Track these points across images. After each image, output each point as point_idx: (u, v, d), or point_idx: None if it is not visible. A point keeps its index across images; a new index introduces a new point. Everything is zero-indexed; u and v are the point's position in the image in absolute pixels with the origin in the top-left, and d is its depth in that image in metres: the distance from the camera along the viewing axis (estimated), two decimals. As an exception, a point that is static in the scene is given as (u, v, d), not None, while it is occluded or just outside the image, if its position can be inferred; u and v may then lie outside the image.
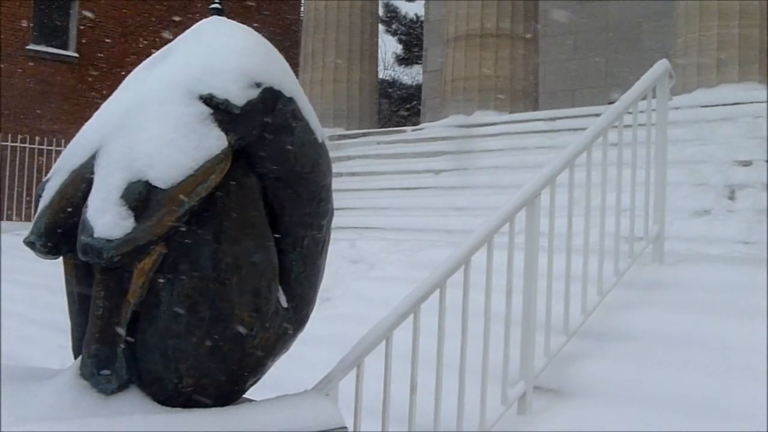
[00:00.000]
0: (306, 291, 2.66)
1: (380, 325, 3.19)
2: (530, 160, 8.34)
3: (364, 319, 3.49)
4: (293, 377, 3.34)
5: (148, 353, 2.32)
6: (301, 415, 2.46)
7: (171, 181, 2.19)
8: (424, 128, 12.34)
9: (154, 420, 2.17)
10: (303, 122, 2.52)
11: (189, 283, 2.30)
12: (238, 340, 2.38)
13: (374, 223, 8.77)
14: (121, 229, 2.13)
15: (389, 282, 5.75)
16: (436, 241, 6.83)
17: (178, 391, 2.33)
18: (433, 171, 10.16)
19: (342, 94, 15.07)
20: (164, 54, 2.49)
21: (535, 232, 3.80)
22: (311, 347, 4.26)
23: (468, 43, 11.75)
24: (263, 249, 2.46)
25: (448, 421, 3.33)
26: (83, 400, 2.20)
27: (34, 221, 2.34)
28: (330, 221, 2.74)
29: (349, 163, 12.16)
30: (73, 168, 2.34)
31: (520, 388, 3.72)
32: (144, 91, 2.36)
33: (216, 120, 2.31)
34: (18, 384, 2.33)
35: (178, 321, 2.29)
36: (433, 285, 3.33)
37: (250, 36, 2.49)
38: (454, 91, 12.00)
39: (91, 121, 2.45)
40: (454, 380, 3.37)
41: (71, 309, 2.43)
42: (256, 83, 2.36)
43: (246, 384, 2.53)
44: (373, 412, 3.12)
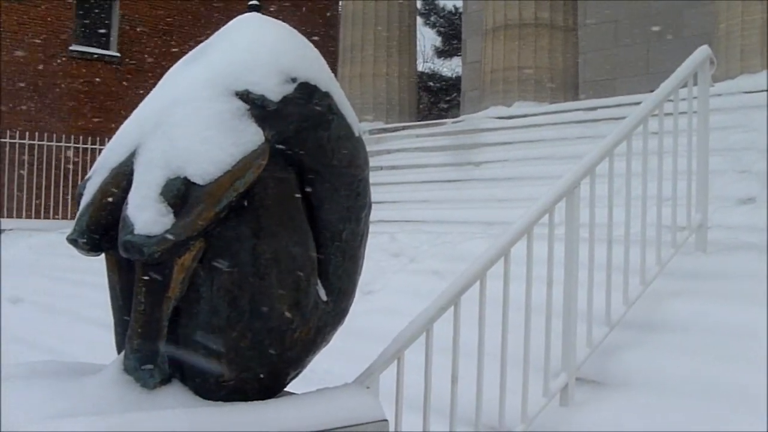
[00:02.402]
0: (345, 284, 2.67)
1: (420, 317, 3.19)
2: (571, 151, 8.27)
3: (404, 312, 3.49)
4: (334, 371, 3.36)
5: (189, 348, 2.34)
6: (342, 408, 2.48)
7: (209, 177, 2.21)
8: (464, 120, 12.29)
9: (196, 414, 2.20)
10: (339, 116, 2.53)
11: (228, 277, 2.32)
12: (279, 334, 2.40)
13: (415, 216, 8.77)
14: (160, 226, 2.16)
15: (430, 275, 5.75)
16: (477, 234, 6.81)
17: (220, 385, 2.35)
18: (473, 163, 10.13)
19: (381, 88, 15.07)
20: (200, 51, 2.51)
21: (575, 223, 3.78)
22: (352, 341, 4.27)
23: (506, 34, 11.69)
24: (302, 243, 2.47)
25: (489, 413, 3.32)
26: (126, 395, 2.23)
27: (76, 219, 2.37)
28: (368, 214, 2.75)
29: (389, 156, 12.17)
30: (113, 166, 2.37)
31: (562, 379, 3.70)
32: (181, 89, 2.38)
33: (253, 116, 2.33)
34: (64, 379, 2.37)
35: (219, 315, 2.31)
36: (473, 277, 3.32)
37: (285, 32, 2.50)
38: (494, 82, 11.94)
39: (129, 119, 2.48)
40: (495, 372, 3.36)
41: (114, 305, 2.46)
42: (292, 78, 2.37)
43: (287, 378, 2.55)
44: (414, 405, 3.12)
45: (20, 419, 2.07)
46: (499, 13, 11.85)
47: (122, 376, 2.28)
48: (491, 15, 12.06)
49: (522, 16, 11.55)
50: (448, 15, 28.14)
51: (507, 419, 3.40)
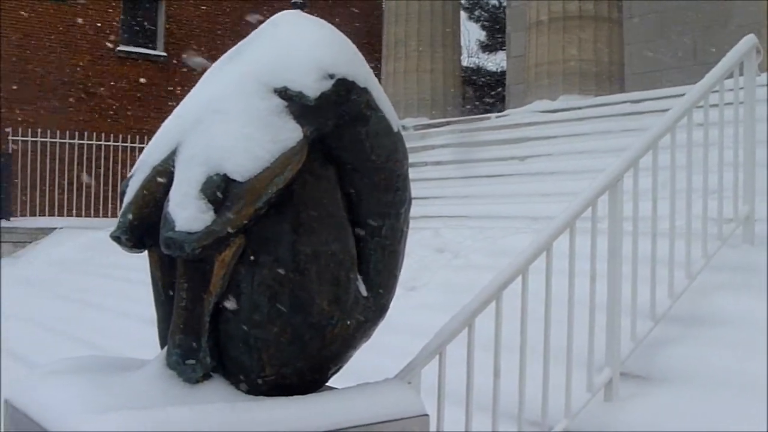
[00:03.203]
0: (385, 280, 2.68)
1: (462, 312, 3.19)
2: (616, 144, 8.18)
3: (448, 308, 3.48)
4: (376, 366, 3.36)
5: (231, 343, 2.37)
6: (382, 403, 2.48)
7: (248, 174, 2.23)
8: (508, 115, 12.24)
9: (238, 408, 2.22)
10: (378, 112, 2.53)
11: (269, 273, 2.34)
12: (319, 330, 2.41)
13: (459, 211, 8.74)
14: (201, 222, 2.18)
15: (474, 270, 5.73)
16: (521, 229, 6.77)
17: (261, 380, 2.37)
18: (518, 158, 10.07)
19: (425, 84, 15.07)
20: (240, 49, 2.54)
21: (619, 216, 3.74)
22: (395, 336, 4.28)
23: (551, 27, 11.61)
24: (341, 239, 2.48)
25: (532, 407, 3.31)
26: (169, 390, 2.26)
27: (119, 216, 2.41)
28: (408, 210, 2.75)
29: (434, 152, 12.15)
30: (154, 164, 2.40)
31: (606, 374, 3.67)
32: (220, 86, 2.41)
33: (291, 112, 2.34)
34: (108, 374, 2.41)
35: (259, 311, 2.33)
36: (515, 271, 3.31)
37: (323, 28, 2.51)
38: (538, 76, 11.88)
39: (171, 117, 2.51)
40: (537, 366, 3.34)
41: (157, 301, 2.50)
42: (330, 75, 2.37)
43: (328, 373, 2.56)
44: (456, 400, 3.12)
45: (65, 413, 2.11)
46: (543, 6, 11.78)
47: (165, 371, 2.32)
48: (535, 8, 11.99)
49: (566, 9, 11.47)
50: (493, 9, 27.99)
51: (550, 414, 3.38)
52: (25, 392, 2.41)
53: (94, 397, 2.17)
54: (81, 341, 7.42)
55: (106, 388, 2.27)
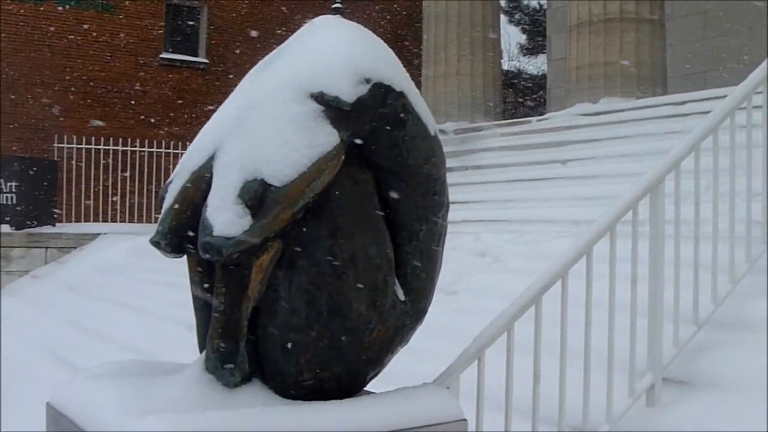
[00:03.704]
0: (423, 284, 2.68)
1: (501, 316, 3.17)
2: (659, 147, 8.09)
3: (488, 312, 3.46)
4: (415, 370, 3.36)
5: (269, 347, 2.38)
6: (420, 407, 2.48)
7: (285, 179, 2.24)
8: (549, 118, 12.16)
9: (276, 413, 2.23)
10: (414, 116, 2.53)
11: (306, 278, 2.34)
12: (357, 334, 2.41)
13: (500, 215, 8.70)
14: (238, 227, 2.20)
15: (515, 274, 5.69)
16: (563, 232, 6.73)
17: (299, 384, 2.38)
18: (559, 161, 10.00)
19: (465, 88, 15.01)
20: (277, 55, 2.55)
21: (660, 220, 3.70)
22: (434, 340, 4.27)
23: (591, 29, 11.51)
24: (379, 243, 2.48)
25: (572, 412, 3.28)
26: (208, 393, 2.28)
27: (159, 222, 2.43)
28: (446, 214, 2.74)
29: (474, 156, 12.11)
30: (193, 169, 2.42)
31: (648, 379, 3.62)
32: (257, 92, 2.43)
33: (327, 117, 2.35)
34: (148, 378, 2.43)
35: (297, 315, 2.34)
36: (555, 275, 3.29)
37: (359, 33, 2.52)
38: (579, 78, 11.78)
39: (209, 123, 2.53)
40: (578, 371, 3.32)
41: (196, 305, 2.52)
42: (366, 79, 2.38)
43: (366, 377, 2.56)
44: (495, 405, 3.11)
45: (105, 417, 2.14)
46: (584, 8, 11.68)
47: (204, 375, 2.33)
48: (575, 10, 11.90)
49: (607, 11, 11.36)
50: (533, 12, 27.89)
51: (591, 419, 3.35)
52: (67, 395, 2.44)
53: (133, 401, 2.20)
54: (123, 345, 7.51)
55: (146, 391, 2.29)
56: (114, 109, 18.92)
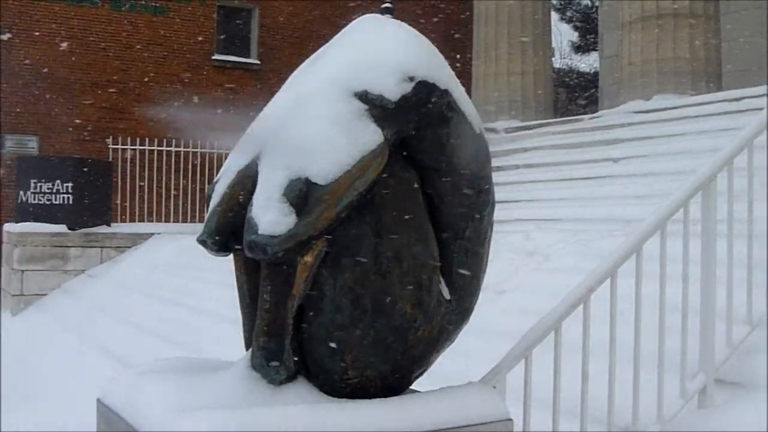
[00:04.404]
0: (469, 283, 2.66)
1: (549, 315, 3.14)
2: (713, 144, 7.94)
3: (537, 312, 3.43)
4: (461, 369, 3.34)
5: (314, 345, 2.38)
6: (465, 406, 2.46)
7: (330, 178, 2.24)
8: (601, 116, 12.05)
9: (320, 410, 2.23)
10: (459, 113, 2.51)
11: (351, 276, 2.34)
12: (402, 333, 2.41)
13: (551, 214, 8.64)
14: (283, 226, 2.20)
15: (565, 273, 5.64)
16: (614, 231, 6.64)
17: (344, 383, 2.38)
18: (612, 159, 9.90)
19: (516, 86, 14.96)
20: (321, 54, 2.56)
21: (712, 218, 3.63)
22: (482, 340, 4.25)
23: (644, 25, 11.37)
24: (423, 241, 2.47)
25: (621, 413, 3.24)
26: (253, 391, 2.29)
27: (205, 221, 2.45)
28: (492, 212, 2.72)
29: (525, 155, 12.05)
30: (239, 168, 2.43)
31: (700, 380, 3.56)
32: (302, 91, 2.43)
33: (372, 115, 2.34)
34: (195, 375, 2.46)
35: (342, 314, 2.34)
36: (604, 274, 3.25)
37: (404, 31, 2.51)
38: (632, 75, 11.65)
39: (255, 122, 2.54)
40: (627, 371, 3.27)
41: (242, 303, 2.53)
42: (410, 77, 2.37)
43: (411, 376, 2.56)
44: (541, 404, 3.08)
45: (151, 413, 2.16)
46: (636, 5, 11.55)
47: (250, 372, 2.35)
48: (627, 7, 11.77)
49: (660, 6, 11.21)
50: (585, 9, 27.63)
51: (641, 420, 3.30)
52: (117, 392, 2.48)
53: (180, 398, 2.22)
54: (174, 342, 7.60)
55: (193, 388, 2.31)
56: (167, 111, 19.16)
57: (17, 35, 18.04)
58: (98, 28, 18.70)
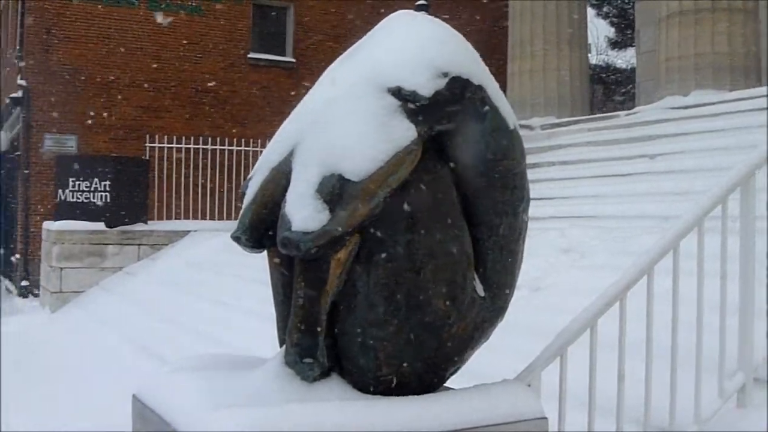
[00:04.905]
0: (503, 279, 2.64)
1: (584, 313, 3.11)
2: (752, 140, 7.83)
3: (572, 309, 3.40)
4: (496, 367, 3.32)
5: (347, 342, 2.38)
6: (499, 404, 2.45)
7: (363, 174, 2.24)
8: (638, 112, 11.93)
9: (354, 407, 2.23)
10: (493, 109, 2.50)
11: (384, 272, 2.34)
12: (435, 329, 2.40)
13: (586, 211, 8.57)
14: (317, 222, 2.20)
15: (601, 271, 5.60)
16: (651, 228, 6.58)
17: (378, 380, 2.38)
18: (648, 156, 9.80)
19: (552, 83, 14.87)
20: (354, 51, 2.55)
21: (751, 215, 3.58)
22: (517, 337, 4.23)
23: (682, 20, 11.25)
24: (457, 238, 2.46)
25: (658, 412, 3.20)
26: (287, 387, 2.29)
27: (239, 217, 2.46)
28: (526, 208, 2.70)
29: (561, 151, 11.97)
30: (273, 165, 2.43)
31: (739, 379, 3.51)
32: (336, 88, 2.43)
33: (405, 111, 2.33)
34: (229, 371, 2.47)
35: (376, 310, 2.34)
36: (640, 272, 3.21)
37: (437, 27, 2.50)
38: (669, 71, 11.53)
39: (289, 119, 2.54)
40: (664, 370, 3.23)
41: (276, 300, 2.53)
42: (443, 73, 2.36)
43: (445, 373, 2.54)
44: (576, 403, 3.05)
45: (186, 409, 2.17)
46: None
47: (283, 369, 2.35)
48: (665, 1, 11.64)
49: (698, 1, 11.08)
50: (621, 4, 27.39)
51: (678, 420, 3.26)
52: (152, 388, 2.49)
53: (213, 394, 2.23)
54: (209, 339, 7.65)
55: (226, 385, 2.32)
56: (203, 109, 19.29)
57: (56, 35, 18.24)
58: (135, 28, 18.85)
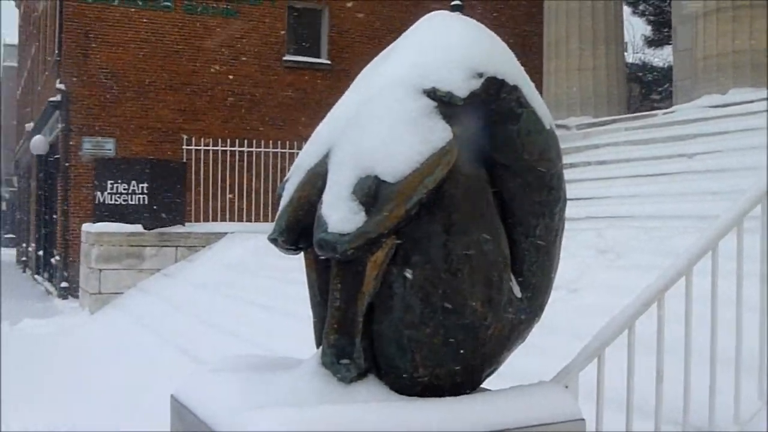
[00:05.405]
0: (540, 280, 2.64)
1: (622, 314, 3.09)
2: (793, 138, 7.77)
3: (610, 310, 3.38)
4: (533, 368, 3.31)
5: (384, 343, 2.38)
6: (536, 405, 2.44)
7: (399, 175, 2.24)
8: (675, 111, 11.83)
9: (390, 408, 2.23)
10: (529, 110, 2.49)
11: (421, 274, 2.34)
12: (472, 331, 2.39)
13: (623, 211, 8.51)
14: (353, 224, 2.21)
15: (638, 271, 5.55)
16: (689, 228, 6.51)
17: (414, 381, 2.38)
18: (686, 155, 9.71)
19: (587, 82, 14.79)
20: (389, 52, 2.56)
21: (792, 214, 3.53)
22: (554, 338, 4.21)
23: (719, 17, 11.12)
24: (494, 239, 2.45)
25: (696, 413, 3.17)
26: (324, 388, 2.30)
27: (276, 219, 2.47)
28: (563, 209, 2.69)
29: (597, 151, 11.90)
30: (309, 167, 2.45)
31: (780, 380, 3.47)
32: (371, 89, 2.43)
33: (440, 113, 2.33)
34: (265, 372, 2.48)
35: (412, 312, 2.34)
36: (678, 272, 3.18)
37: (471, 27, 2.50)
38: (706, 69, 11.41)
39: (324, 121, 2.56)
40: (702, 371, 3.20)
41: (312, 301, 2.55)
42: (479, 73, 2.36)
43: (482, 374, 2.54)
44: (614, 404, 3.03)
45: (223, 409, 2.19)
46: (711, -4, 11.31)
47: (320, 370, 2.36)
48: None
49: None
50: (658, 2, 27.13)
51: (717, 421, 3.23)
52: (189, 388, 2.52)
53: (251, 395, 2.24)
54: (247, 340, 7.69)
55: (264, 385, 2.34)
56: (239, 111, 19.42)
57: (94, 39, 18.47)
58: (171, 31, 19.03)
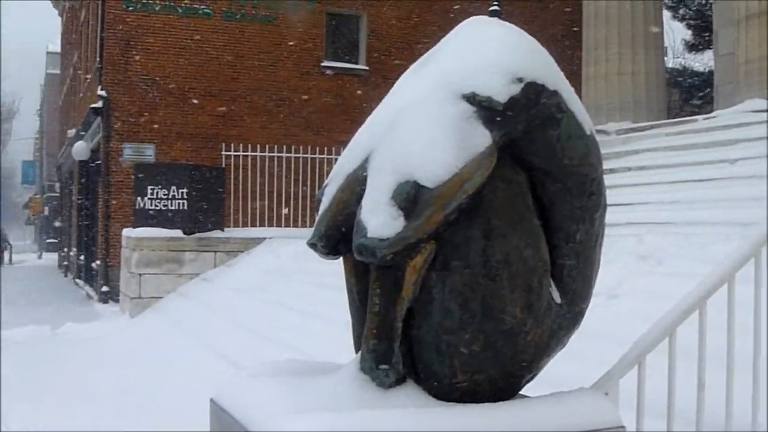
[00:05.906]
0: (580, 286, 2.62)
1: (662, 321, 3.06)
2: (838, 143, 7.64)
3: (650, 316, 3.34)
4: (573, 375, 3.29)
5: (423, 349, 2.38)
6: (575, 412, 2.42)
7: (438, 180, 2.24)
8: (717, 116, 11.70)
9: (429, 414, 2.23)
10: (569, 115, 2.48)
11: (460, 279, 2.33)
12: (511, 337, 2.38)
13: (664, 217, 8.42)
14: (392, 229, 2.21)
15: (679, 278, 5.48)
16: (731, 235, 6.43)
17: (453, 387, 2.37)
18: (728, 161, 9.59)
19: (627, 87, 14.67)
20: (428, 57, 2.56)
21: (838, 220, 3.47)
22: (594, 344, 4.18)
23: (761, 21, 10.99)
24: (533, 244, 2.44)
25: (739, 421, 3.13)
26: (362, 393, 2.30)
27: (315, 224, 2.48)
28: (603, 215, 2.67)
29: (637, 157, 11.80)
30: (348, 172, 2.45)
31: (825, 389, 3.41)
32: (410, 95, 2.44)
33: (480, 118, 2.33)
34: (304, 377, 2.49)
35: (451, 317, 2.34)
36: (719, 279, 3.14)
37: (510, 33, 2.49)
38: (748, 73, 11.27)
39: (363, 127, 2.56)
40: (744, 379, 3.16)
41: (351, 306, 2.55)
42: (518, 78, 2.35)
43: (521, 380, 2.53)
44: (655, 412, 3.00)
45: (261, 414, 2.20)
46: (753, 0, 11.17)
47: (359, 375, 2.36)
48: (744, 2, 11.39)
49: (778, 1, 10.83)
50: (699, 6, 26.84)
51: (759, 429, 3.18)
52: (229, 392, 2.53)
53: (290, 399, 2.25)
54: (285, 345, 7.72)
55: (303, 390, 2.34)
56: (278, 117, 19.52)
57: (134, 47, 18.68)
58: (211, 38, 19.19)
